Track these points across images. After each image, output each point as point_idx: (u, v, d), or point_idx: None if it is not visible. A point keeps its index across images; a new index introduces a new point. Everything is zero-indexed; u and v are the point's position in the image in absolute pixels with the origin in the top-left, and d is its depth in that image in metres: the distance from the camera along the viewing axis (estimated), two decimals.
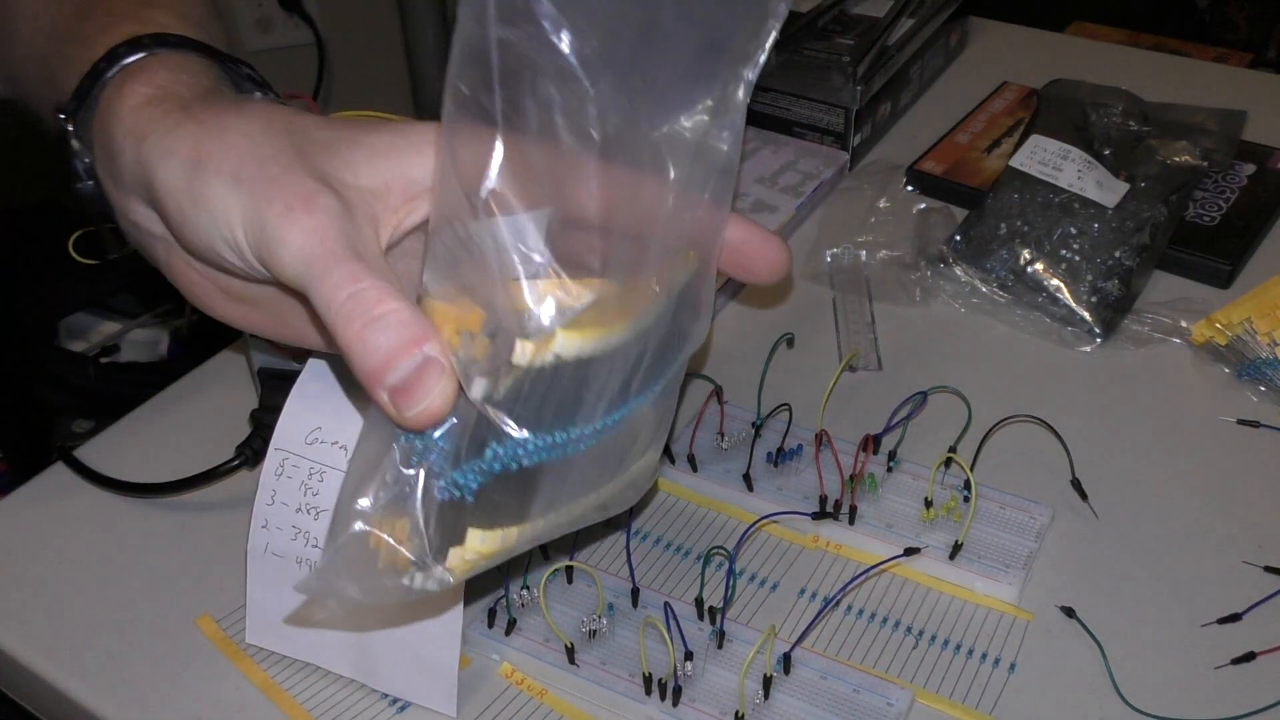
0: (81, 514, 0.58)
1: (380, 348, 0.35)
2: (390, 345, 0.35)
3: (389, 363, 0.35)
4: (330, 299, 0.36)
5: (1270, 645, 0.48)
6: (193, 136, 0.40)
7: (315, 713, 0.48)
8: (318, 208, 0.37)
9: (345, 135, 0.40)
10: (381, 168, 0.39)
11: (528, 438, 0.37)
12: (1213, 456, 0.58)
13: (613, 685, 0.48)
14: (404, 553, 0.37)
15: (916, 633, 0.50)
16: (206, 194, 0.39)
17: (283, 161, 0.38)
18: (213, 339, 0.68)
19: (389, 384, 0.35)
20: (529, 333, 0.36)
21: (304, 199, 0.37)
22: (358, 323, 0.36)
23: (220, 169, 0.38)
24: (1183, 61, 1.00)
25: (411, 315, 0.36)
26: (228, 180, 0.38)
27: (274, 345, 0.56)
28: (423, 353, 0.35)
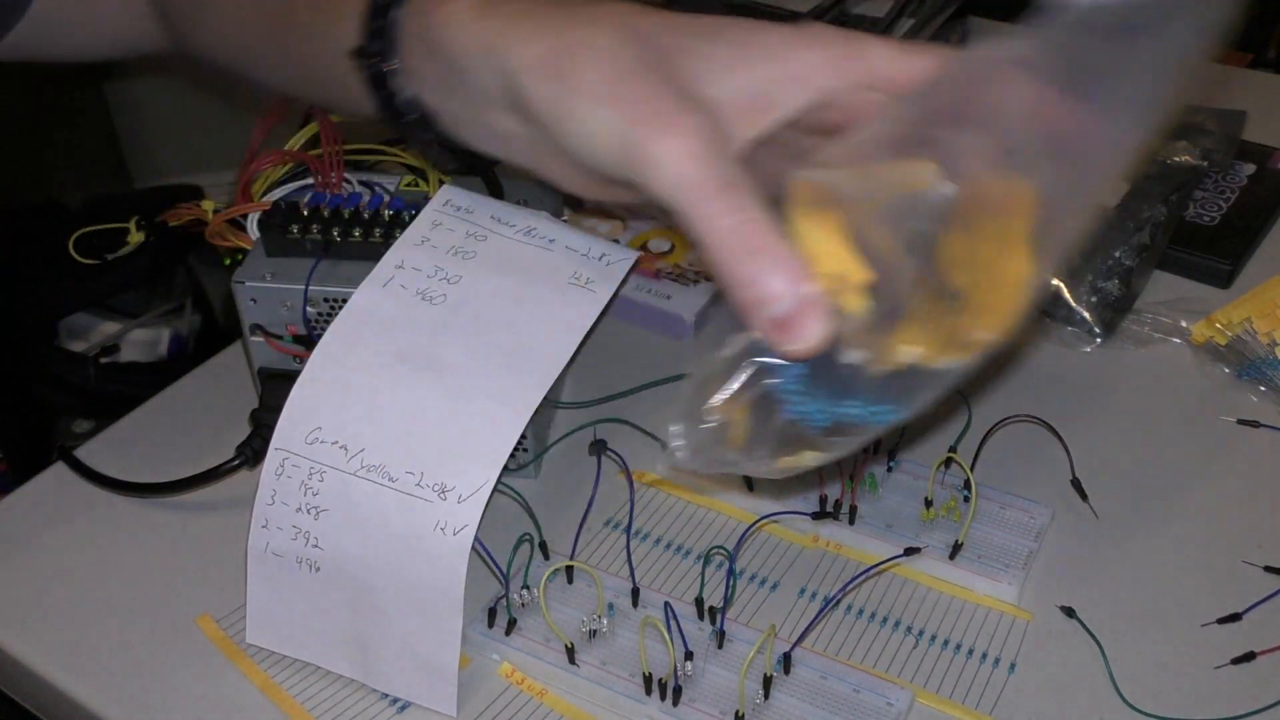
0: (81, 514, 0.58)
1: (760, 280, 0.36)
2: (770, 279, 0.36)
3: (769, 297, 0.36)
4: (709, 226, 0.37)
5: (1270, 645, 0.48)
6: (552, 50, 0.40)
7: (315, 712, 0.48)
8: (690, 131, 0.38)
9: (692, 45, 0.41)
10: (731, 80, 0.40)
11: (881, 409, 0.39)
12: (1213, 456, 0.58)
13: (613, 685, 0.48)
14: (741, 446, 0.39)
15: (916, 633, 0.50)
16: (579, 111, 0.40)
17: (646, 77, 0.39)
18: (213, 339, 0.68)
19: (770, 314, 0.36)
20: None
21: (677, 122, 0.38)
22: (739, 252, 0.37)
23: (586, 88, 0.39)
24: None
25: (790, 251, 0.37)
26: (596, 99, 0.39)
27: (274, 345, 0.56)
28: (801, 291, 0.36)
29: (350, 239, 0.55)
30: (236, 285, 0.55)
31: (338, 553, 0.48)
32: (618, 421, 0.59)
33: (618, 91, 0.39)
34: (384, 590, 0.48)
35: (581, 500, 0.56)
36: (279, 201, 0.57)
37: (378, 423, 0.49)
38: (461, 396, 0.49)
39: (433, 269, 0.52)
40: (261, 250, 0.56)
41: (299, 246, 0.55)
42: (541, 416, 0.56)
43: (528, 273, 0.53)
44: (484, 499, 0.47)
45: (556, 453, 0.59)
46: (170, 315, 1.29)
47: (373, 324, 0.51)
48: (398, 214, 0.56)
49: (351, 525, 0.48)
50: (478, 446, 0.48)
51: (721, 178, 0.37)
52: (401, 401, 0.49)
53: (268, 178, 0.60)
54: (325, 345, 0.50)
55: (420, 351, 0.50)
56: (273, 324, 0.56)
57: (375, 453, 0.48)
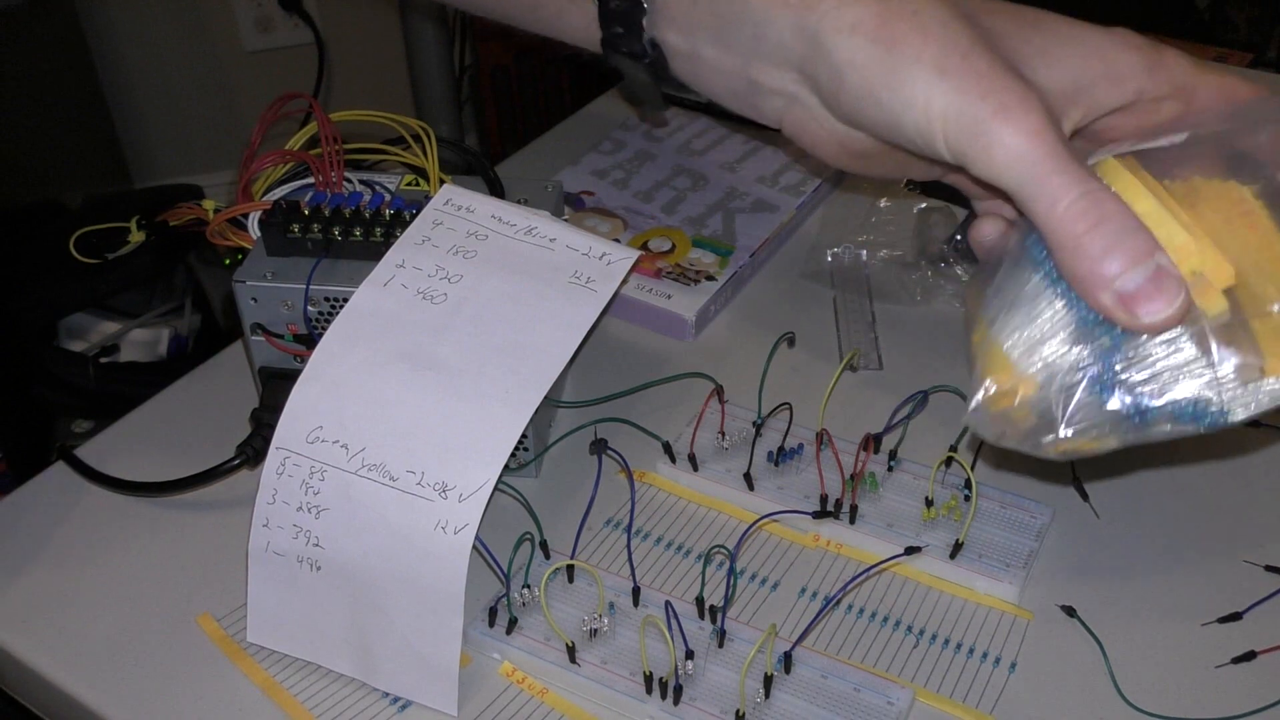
0: (81, 514, 0.58)
1: (1110, 251, 0.36)
2: (1121, 250, 0.36)
3: (1123, 266, 0.36)
4: (1055, 199, 0.37)
5: (1270, 645, 0.48)
6: (878, 16, 0.40)
7: (316, 712, 0.48)
8: (1032, 108, 0.38)
9: (1015, 29, 0.41)
10: (1054, 69, 0.40)
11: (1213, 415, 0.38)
12: (1213, 456, 0.58)
13: (613, 684, 0.48)
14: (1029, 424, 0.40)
15: (917, 632, 0.50)
16: (905, 80, 0.39)
17: (984, 55, 0.39)
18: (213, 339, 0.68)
19: (1119, 288, 0.36)
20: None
21: (1019, 99, 0.38)
22: (1087, 225, 0.36)
23: (920, 57, 0.39)
24: None
25: (1140, 224, 0.36)
26: (931, 70, 0.38)
27: (275, 344, 0.56)
28: (1155, 261, 0.36)
29: (351, 238, 0.55)
30: (237, 285, 0.55)
31: (338, 552, 0.48)
32: (618, 421, 0.59)
33: (959, 67, 0.38)
34: (385, 589, 0.48)
35: (582, 499, 0.56)
36: (279, 201, 0.57)
37: (378, 422, 0.49)
38: (462, 396, 0.49)
39: (433, 268, 0.52)
40: (262, 250, 0.56)
41: (299, 246, 0.56)
42: (542, 416, 0.56)
43: (528, 272, 0.53)
44: (485, 498, 0.47)
45: (557, 452, 0.59)
46: (170, 315, 1.29)
47: (373, 323, 0.51)
48: (398, 213, 0.56)
49: (352, 524, 0.48)
50: (478, 445, 0.48)
51: (1067, 154, 0.37)
52: (402, 400, 0.49)
53: (268, 177, 0.60)
54: (326, 344, 0.50)
55: (421, 351, 0.50)
56: (273, 323, 0.56)
57: (376, 452, 0.48)
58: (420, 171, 0.61)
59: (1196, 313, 0.36)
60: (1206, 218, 0.37)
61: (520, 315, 0.51)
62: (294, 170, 0.61)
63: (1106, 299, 0.37)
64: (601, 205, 0.74)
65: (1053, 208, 0.37)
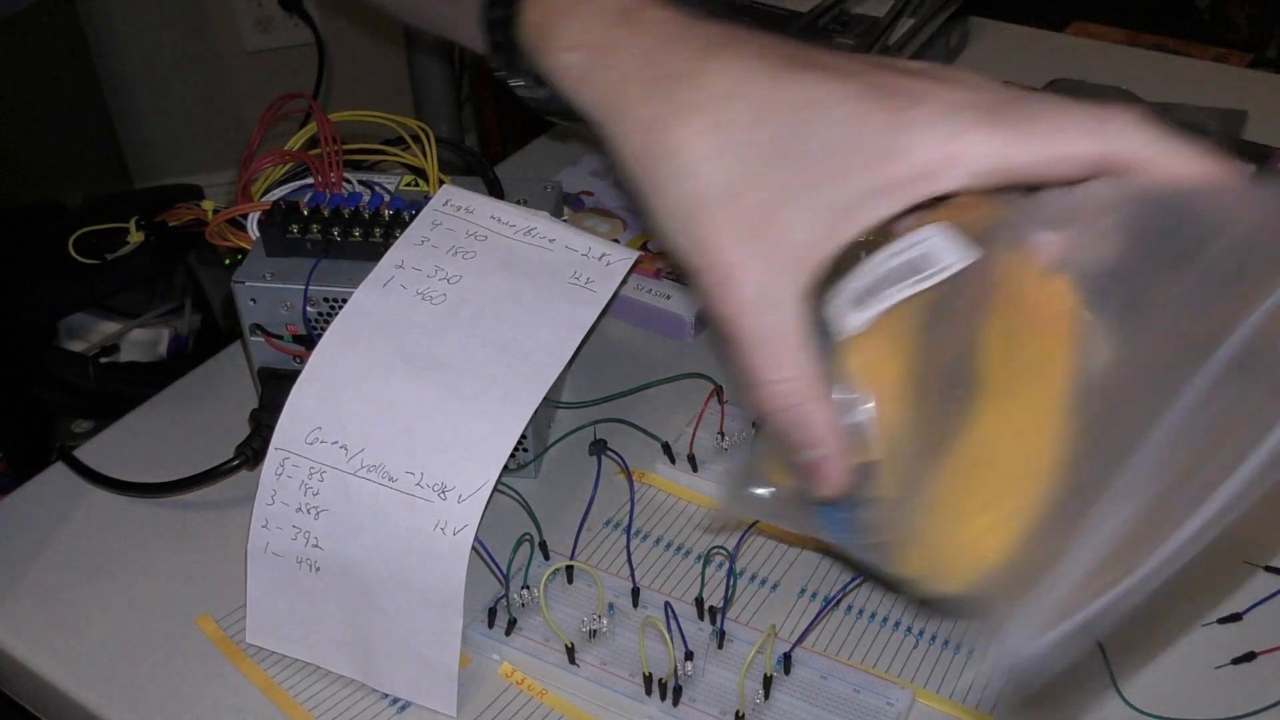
0: (81, 514, 0.58)
1: (795, 431, 0.38)
2: (808, 432, 0.37)
3: (804, 443, 0.38)
4: (759, 375, 0.37)
5: (1270, 645, 0.48)
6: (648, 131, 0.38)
7: (316, 712, 0.48)
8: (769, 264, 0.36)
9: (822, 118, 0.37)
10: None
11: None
12: None
13: (613, 685, 0.48)
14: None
15: (917, 632, 0.50)
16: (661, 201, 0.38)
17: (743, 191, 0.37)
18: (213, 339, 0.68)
19: (802, 457, 0.38)
20: None
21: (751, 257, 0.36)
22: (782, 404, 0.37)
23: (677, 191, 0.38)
24: (1183, 61, 1.00)
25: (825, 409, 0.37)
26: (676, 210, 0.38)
27: (275, 345, 0.56)
28: (825, 450, 0.37)
29: (350, 239, 0.55)
30: (236, 285, 0.55)
31: (338, 552, 0.48)
32: (618, 421, 0.59)
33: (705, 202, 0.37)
34: (384, 590, 0.48)
35: (581, 500, 0.55)
36: (279, 201, 0.57)
37: (378, 422, 0.49)
38: (461, 396, 0.49)
39: (433, 269, 0.52)
40: (261, 250, 0.56)
41: (299, 246, 0.55)
42: (541, 416, 0.56)
43: (528, 273, 0.53)
44: (484, 499, 0.47)
45: (556, 453, 0.59)
46: (170, 315, 1.29)
47: (373, 324, 0.51)
48: (398, 214, 0.56)
49: (351, 525, 0.48)
50: (478, 446, 0.48)
51: (782, 328, 0.37)
52: (401, 401, 0.49)
53: (268, 178, 0.60)
54: (325, 345, 0.50)
55: (420, 351, 0.50)
56: (273, 324, 0.56)
57: (375, 452, 0.48)
58: (420, 172, 0.61)
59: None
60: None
61: (519, 316, 0.51)
62: (294, 171, 0.61)
63: (799, 464, 0.38)
64: (601, 205, 0.74)
65: (756, 382, 0.38)
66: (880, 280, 0.37)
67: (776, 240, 0.36)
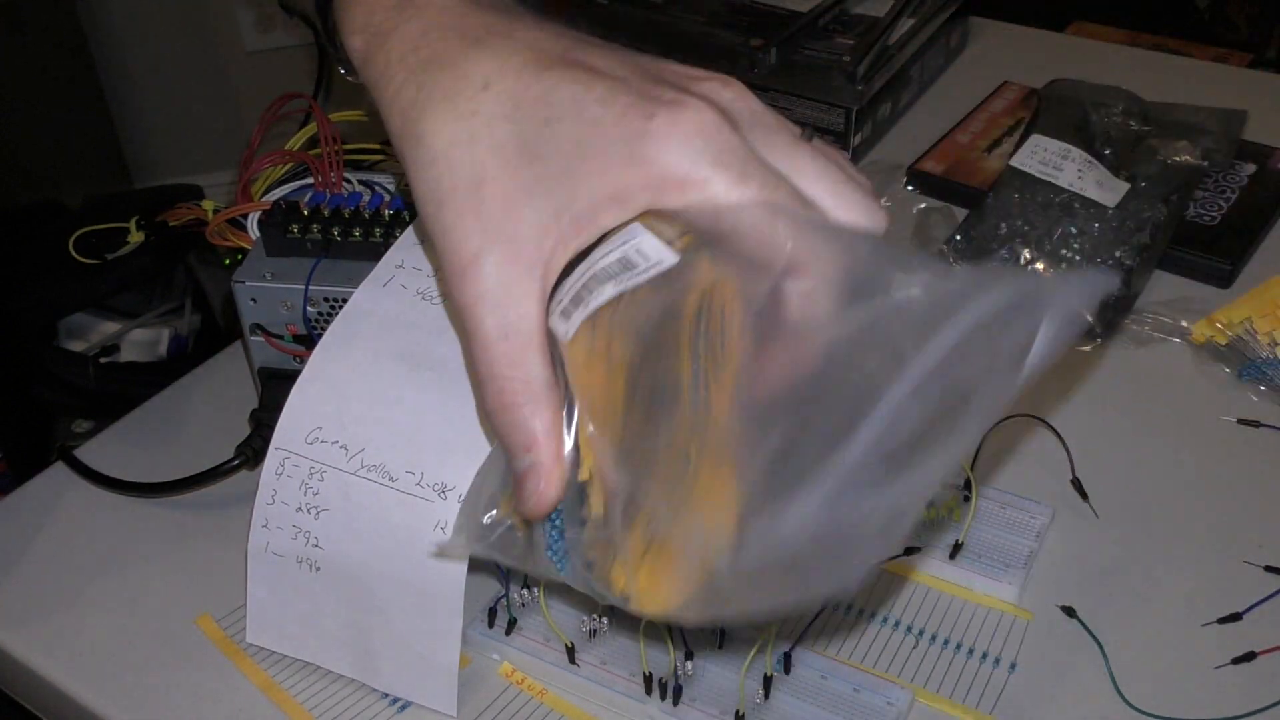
0: (81, 514, 0.58)
1: (508, 435, 0.37)
2: (514, 439, 0.37)
3: (511, 451, 0.37)
4: (485, 371, 0.37)
5: (1270, 645, 0.48)
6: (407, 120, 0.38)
7: (316, 712, 0.48)
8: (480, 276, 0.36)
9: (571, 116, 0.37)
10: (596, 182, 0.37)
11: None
12: (1213, 456, 0.58)
13: (613, 685, 0.48)
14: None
15: (917, 632, 0.50)
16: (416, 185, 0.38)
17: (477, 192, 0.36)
18: (213, 339, 0.68)
19: (513, 464, 0.37)
20: None
21: (472, 260, 0.36)
22: (501, 405, 0.37)
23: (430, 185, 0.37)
24: (1183, 61, 1.00)
25: (540, 424, 0.36)
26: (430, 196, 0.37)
27: (275, 345, 0.56)
28: (531, 458, 0.37)
29: (350, 239, 0.55)
30: (236, 285, 0.55)
31: (338, 552, 0.48)
32: None
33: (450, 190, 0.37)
34: (384, 590, 0.48)
35: None
36: (279, 201, 0.57)
37: (378, 422, 0.49)
38: (461, 396, 0.49)
39: (433, 268, 0.52)
40: (261, 250, 0.56)
41: (299, 246, 0.55)
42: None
43: None
44: None
45: None
46: (170, 315, 1.29)
47: (373, 323, 0.51)
48: (398, 213, 0.56)
49: (352, 525, 0.48)
50: (478, 446, 0.48)
51: (514, 325, 0.36)
52: (402, 401, 0.49)
53: (268, 177, 0.60)
54: (325, 345, 0.50)
55: (420, 351, 0.50)
56: (273, 324, 0.56)
57: (375, 452, 0.48)
58: None
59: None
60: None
61: None
62: (294, 170, 0.61)
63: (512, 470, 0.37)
64: None
65: (481, 378, 0.37)
66: (587, 284, 0.36)
67: (516, 236, 0.36)
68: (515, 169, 0.36)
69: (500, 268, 0.36)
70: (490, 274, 0.36)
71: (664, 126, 0.34)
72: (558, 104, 0.36)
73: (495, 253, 0.36)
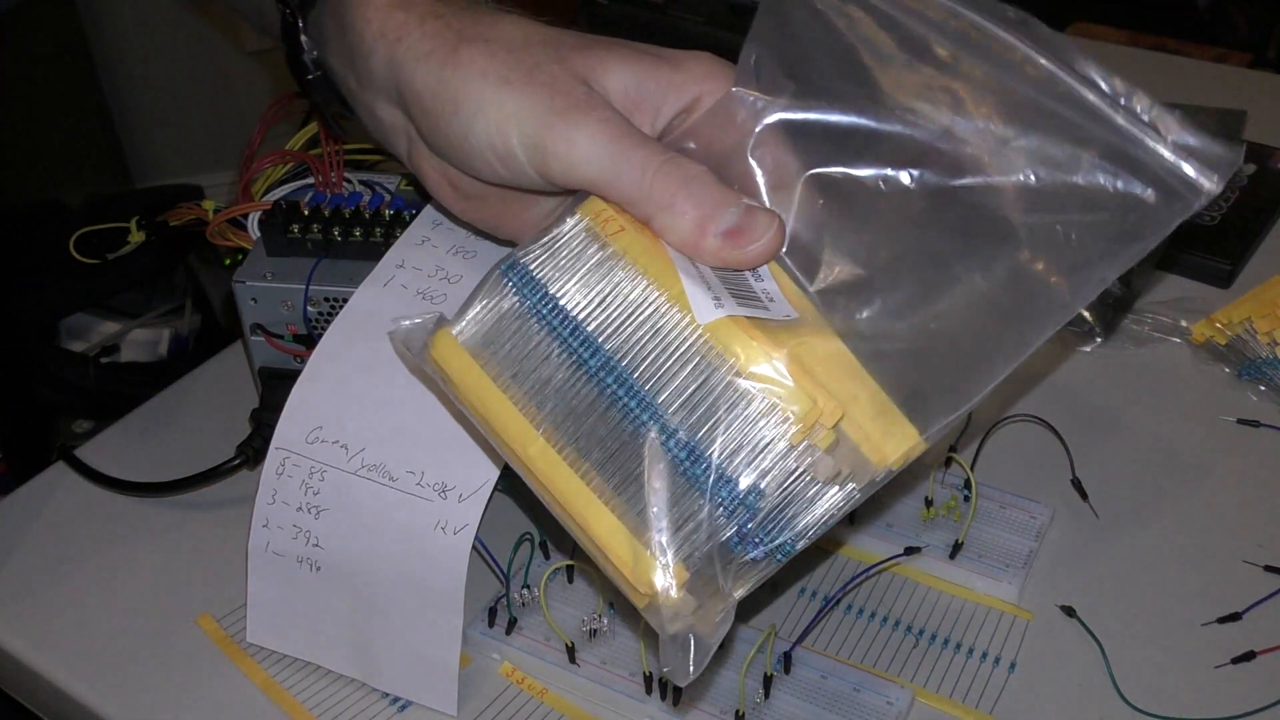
0: (81, 514, 0.58)
1: (707, 197, 0.38)
2: (715, 194, 0.38)
3: (716, 209, 0.37)
4: (639, 172, 0.38)
5: (1270, 645, 0.48)
6: (450, 44, 0.41)
7: (316, 712, 0.48)
8: (597, 104, 0.39)
9: (584, 45, 0.41)
10: (617, 77, 0.41)
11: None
12: (1213, 456, 0.58)
13: (613, 684, 0.48)
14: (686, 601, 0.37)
15: (917, 632, 0.50)
16: (471, 95, 0.40)
17: (550, 67, 0.40)
18: (213, 339, 0.68)
19: (720, 228, 0.37)
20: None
21: (584, 97, 0.39)
22: (675, 183, 0.38)
23: (486, 72, 0.40)
24: (1183, 61, 1.00)
25: (716, 178, 0.38)
26: (496, 82, 0.40)
27: (275, 345, 0.56)
28: (743, 201, 0.38)
29: (350, 239, 0.55)
30: (237, 285, 0.55)
31: (338, 552, 0.49)
32: None
33: (520, 76, 0.39)
34: (384, 589, 0.48)
35: None
36: (279, 201, 0.57)
37: (378, 422, 0.49)
38: None
39: (433, 268, 0.52)
40: (262, 250, 0.56)
41: (299, 246, 0.56)
42: None
43: None
44: (484, 498, 0.47)
45: None
46: (170, 315, 1.29)
47: (373, 323, 0.51)
48: (398, 213, 0.56)
49: (352, 524, 0.48)
50: (478, 446, 0.48)
51: (636, 135, 0.39)
52: (402, 401, 0.49)
53: (268, 177, 0.60)
54: (326, 344, 0.50)
55: None
56: (273, 323, 0.56)
57: (376, 452, 0.48)
58: None
59: (806, 452, 0.36)
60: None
61: None
62: (294, 170, 0.61)
63: (712, 243, 0.38)
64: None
65: (639, 180, 0.38)
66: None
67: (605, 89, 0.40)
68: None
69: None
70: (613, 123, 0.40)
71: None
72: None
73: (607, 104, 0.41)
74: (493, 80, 0.40)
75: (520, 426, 0.38)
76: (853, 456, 0.37)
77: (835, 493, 0.37)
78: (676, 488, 0.36)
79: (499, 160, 0.40)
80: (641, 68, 0.41)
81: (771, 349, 0.36)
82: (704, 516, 0.36)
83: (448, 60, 0.41)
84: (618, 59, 0.41)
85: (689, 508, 0.36)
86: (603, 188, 0.39)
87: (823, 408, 0.36)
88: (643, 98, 0.41)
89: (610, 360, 0.37)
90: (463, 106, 0.40)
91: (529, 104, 0.39)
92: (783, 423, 0.36)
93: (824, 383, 0.36)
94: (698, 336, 0.36)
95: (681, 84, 0.41)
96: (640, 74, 0.41)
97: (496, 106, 0.39)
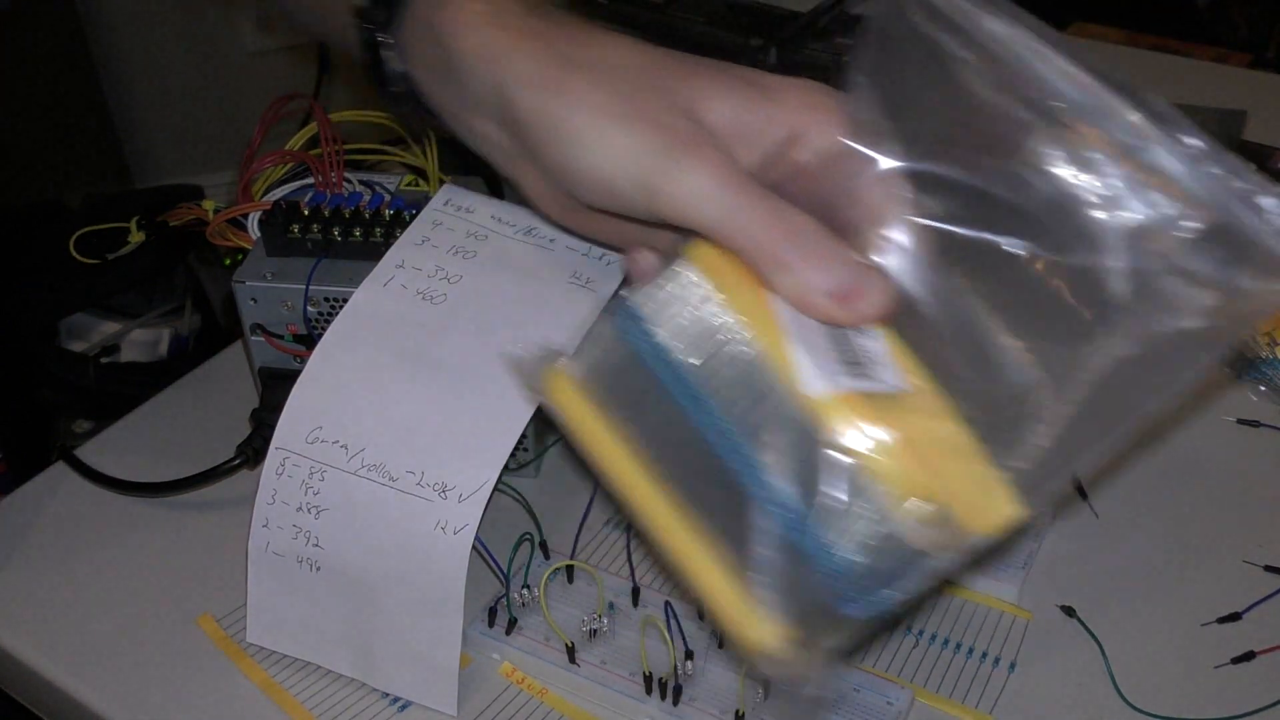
0: (81, 514, 0.58)
1: (815, 252, 0.37)
2: (824, 250, 0.37)
3: (826, 266, 0.37)
4: (749, 221, 0.37)
5: (1270, 645, 0.48)
6: (555, 71, 0.41)
7: (316, 712, 0.48)
8: (704, 142, 0.39)
9: (696, 72, 0.41)
10: (729, 111, 0.40)
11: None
12: (1213, 456, 0.58)
13: (613, 684, 0.48)
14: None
15: (916, 632, 0.50)
16: (577, 126, 0.40)
17: (654, 99, 0.40)
18: (213, 339, 0.68)
19: (828, 288, 0.37)
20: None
21: (691, 136, 0.39)
22: (783, 235, 0.37)
23: (589, 102, 0.40)
24: (1183, 61, 1.00)
25: (824, 228, 0.37)
26: (602, 115, 0.39)
27: (275, 345, 0.56)
28: (853, 258, 0.37)
29: (350, 239, 0.55)
30: (237, 285, 0.55)
31: (338, 552, 0.49)
32: None
33: (625, 110, 0.39)
34: (384, 589, 0.48)
35: (581, 500, 0.56)
36: (279, 201, 0.57)
37: (378, 422, 0.49)
38: (462, 396, 0.49)
39: (433, 268, 0.52)
40: (262, 250, 0.56)
41: (299, 246, 0.56)
42: (542, 416, 0.56)
43: (528, 272, 0.53)
44: (484, 498, 0.47)
45: (556, 452, 0.59)
46: (170, 315, 1.29)
47: (373, 323, 0.51)
48: (398, 213, 0.56)
49: (352, 524, 0.48)
50: (478, 446, 0.48)
51: (745, 180, 0.38)
52: (402, 401, 0.49)
53: (268, 177, 0.60)
54: (326, 344, 0.50)
55: (421, 351, 0.50)
56: (273, 323, 0.56)
57: (376, 452, 0.48)
58: (420, 172, 0.61)
59: (906, 522, 0.36)
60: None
61: (520, 315, 0.51)
62: (294, 170, 0.61)
63: (821, 301, 0.37)
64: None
65: (748, 228, 0.37)
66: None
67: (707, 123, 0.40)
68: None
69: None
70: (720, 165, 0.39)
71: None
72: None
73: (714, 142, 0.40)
74: (600, 115, 0.39)
75: (633, 472, 0.39)
76: (953, 525, 0.37)
77: (933, 560, 0.37)
78: (782, 549, 0.37)
79: (608, 194, 0.40)
80: (743, 99, 0.40)
81: (876, 425, 0.36)
82: (809, 578, 0.36)
83: (554, 89, 0.40)
84: (721, 89, 0.40)
85: (794, 570, 0.37)
86: (711, 233, 0.38)
87: (924, 484, 0.36)
88: (742, 130, 0.40)
89: (717, 421, 0.37)
90: (570, 139, 0.40)
91: (636, 142, 0.39)
92: (884, 496, 0.36)
93: (928, 458, 0.36)
94: (804, 405, 0.36)
95: (782, 117, 0.40)
96: (740, 106, 0.40)
97: (605, 143, 0.39)
